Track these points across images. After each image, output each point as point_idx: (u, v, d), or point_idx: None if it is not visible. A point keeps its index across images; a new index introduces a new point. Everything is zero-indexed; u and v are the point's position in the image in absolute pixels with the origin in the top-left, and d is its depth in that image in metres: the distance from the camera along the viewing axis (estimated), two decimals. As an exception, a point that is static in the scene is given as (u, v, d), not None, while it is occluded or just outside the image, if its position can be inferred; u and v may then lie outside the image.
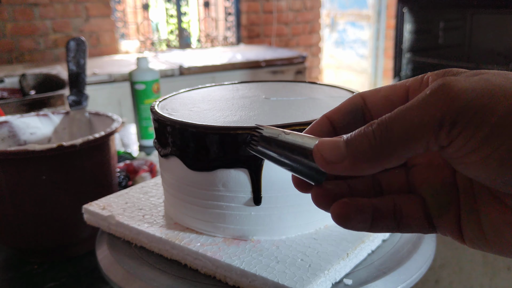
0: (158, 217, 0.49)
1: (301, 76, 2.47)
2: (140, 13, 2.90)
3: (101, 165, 0.67)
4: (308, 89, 0.56)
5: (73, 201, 0.61)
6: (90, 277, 0.62)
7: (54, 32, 2.53)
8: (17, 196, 0.60)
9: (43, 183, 0.60)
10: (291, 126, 0.40)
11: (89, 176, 0.65)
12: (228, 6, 3.09)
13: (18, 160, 0.59)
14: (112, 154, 0.68)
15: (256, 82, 0.61)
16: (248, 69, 2.32)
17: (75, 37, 0.75)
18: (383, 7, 3.75)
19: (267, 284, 0.38)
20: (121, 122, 0.70)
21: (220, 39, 3.10)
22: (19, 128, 0.75)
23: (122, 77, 2.03)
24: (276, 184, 0.42)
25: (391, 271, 0.41)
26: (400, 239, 0.47)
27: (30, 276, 0.63)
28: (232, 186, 0.43)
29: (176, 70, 2.17)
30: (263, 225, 0.44)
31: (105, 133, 0.64)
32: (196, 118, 0.45)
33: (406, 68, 1.75)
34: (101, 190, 0.64)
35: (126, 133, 1.29)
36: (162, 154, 0.47)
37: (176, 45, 2.94)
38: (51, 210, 0.62)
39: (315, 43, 3.34)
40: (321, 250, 0.41)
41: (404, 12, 1.68)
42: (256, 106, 0.48)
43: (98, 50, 2.63)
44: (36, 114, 0.77)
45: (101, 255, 0.48)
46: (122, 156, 1.00)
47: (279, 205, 0.43)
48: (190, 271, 0.43)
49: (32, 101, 1.03)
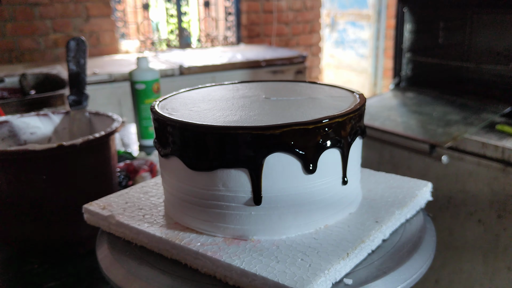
0: (158, 217, 0.49)
1: (301, 76, 2.47)
2: (140, 12, 2.90)
3: (101, 165, 0.67)
4: (308, 89, 0.56)
5: (73, 201, 0.61)
6: (90, 276, 0.62)
7: (54, 32, 2.53)
8: (17, 196, 0.60)
9: (43, 183, 0.60)
10: (291, 126, 0.40)
11: (89, 176, 0.65)
12: (228, 5, 3.09)
13: (18, 160, 0.59)
14: (112, 154, 0.68)
15: (256, 82, 0.61)
16: (248, 69, 2.32)
17: (75, 37, 0.75)
18: (383, 7, 3.75)
19: (267, 284, 0.38)
20: (121, 122, 0.70)
21: (220, 38, 3.10)
22: (19, 128, 0.75)
23: (122, 76, 2.03)
24: (276, 183, 0.42)
25: (391, 270, 0.41)
26: (400, 239, 0.47)
27: (30, 276, 0.63)
28: (232, 186, 0.43)
29: (176, 70, 2.17)
30: (263, 225, 0.44)
31: (105, 133, 0.64)
32: (196, 118, 0.45)
33: (406, 68, 1.75)
34: (101, 190, 0.64)
35: (126, 133, 1.29)
36: (162, 154, 0.47)
37: (176, 45, 2.94)
38: (51, 209, 0.62)
39: (315, 43, 3.34)
40: (321, 249, 0.41)
41: (404, 12, 1.68)
42: (256, 106, 0.48)
43: (98, 50, 2.63)
44: (36, 114, 0.77)
45: (101, 255, 0.48)
46: (122, 156, 1.00)
47: (279, 205, 0.43)
48: (190, 271, 0.43)
49: (32, 100, 1.03)
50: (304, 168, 0.42)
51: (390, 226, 0.47)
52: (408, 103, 1.62)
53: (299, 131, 0.41)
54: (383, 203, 0.50)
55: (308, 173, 0.42)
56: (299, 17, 3.21)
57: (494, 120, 1.35)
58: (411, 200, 0.51)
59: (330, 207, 0.45)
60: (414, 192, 0.53)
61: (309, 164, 0.42)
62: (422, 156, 1.35)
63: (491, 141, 1.20)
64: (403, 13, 1.67)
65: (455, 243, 1.33)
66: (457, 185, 1.29)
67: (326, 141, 0.43)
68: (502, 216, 1.20)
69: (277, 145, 0.41)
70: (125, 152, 1.02)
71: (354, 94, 0.53)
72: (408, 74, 1.77)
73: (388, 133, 1.39)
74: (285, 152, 0.41)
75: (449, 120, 1.39)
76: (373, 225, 0.45)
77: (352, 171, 0.47)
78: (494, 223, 1.22)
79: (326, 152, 0.43)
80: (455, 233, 1.33)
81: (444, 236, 1.35)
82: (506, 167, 1.16)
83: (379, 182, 0.56)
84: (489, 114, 1.39)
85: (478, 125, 1.31)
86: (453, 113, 1.45)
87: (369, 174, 0.59)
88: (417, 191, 0.53)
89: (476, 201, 1.25)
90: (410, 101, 1.64)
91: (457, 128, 1.31)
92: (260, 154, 0.41)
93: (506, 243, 1.21)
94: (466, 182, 1.26)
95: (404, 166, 1.42)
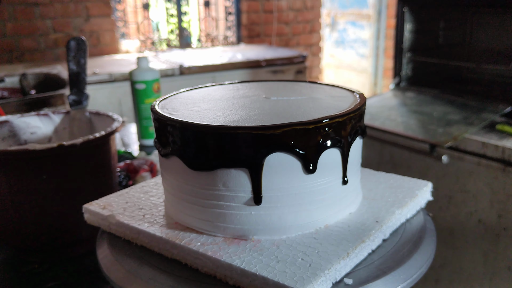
0: (159, 217, 0.49)
1: (301, 75, 2.47)
2: (141, 12, 2.90)
3: (102, 165, 0.67)
4: (308, 88, 0.56)
5: (73, 201, 0.61)
6: (90, 276, 0.62)
7: (55, 32, 2.53)
8: (17, 196, 0.60)
9: (44, 183, 0.60)
10: (292, 126, 0.40)
11: (89, 176, 0.65)
12: (229, 5, 3.09)
13: (18, 160, 0.59)
14: (112, 154, 0.68)
15: (257, 81, 0.61)
16: (249, 69, 2.32)
17: (76, 37, 0.75)
18: (384, 7, 3.75)
19: (268, 284, 0.38)
20: (122, 122, 0.70)
21: (221, 38, 3.10)
22: (20, 127, 0.75)
23: (122, 76, 2.03)
24: (276, 183, 0.42)
25: (391, 270, 0.41)
26: (401, 238, 0.47)
27: (31, 276, 0.63)
28: (232, 185, 0.43)
29: (177, 70, 2.17)
30: (263, 225, 0.44)
31: (106, 133, 0.64)
32: (196, 118, 0.45)
33: (407, 68, 1.75)
34: (101, 190, 0.64)
35: (127, 132, 1.29)
36: (163, 153, 0.47)
37: (177, 45, 2.94)
38: (51, 210, 0.62)
39: (316, 43, 3.34)
40: (321, 249, 0.41)
41: (404, 12, 1.68)
42: (256, 105, 0.48)
43: (98, 50, 2.63)
44: (37, 114, 0.77)
45: (102, 255, 0.48)
46: (122, 155, 1.00)
47: (279, 204, 0.43)
48: (191, 271, 0.43)
49: (32, 100, 1.03)
50: (304, 168, 0.42)
51: (390, 226, 0.47)
52: (408, 103, 1.62)
53: (300, 131, 0.41)
54: (383, 203, 0.50)
55: (308, 173, 0.42)
56: (299, 17, 3.21)
57: (494, 120, 1.35)
58: (411, 200, 0.51)
59: (331, 206, 0.45)
60: (414, 192, 0.53)
61: (309, 164, 0.42)
62: (422, 156, 1.35)
63: (491, 141, 1.20)
64: (403, 13, 1.67)
65: (455, 243, 1.33)
66: (457, 185, 1.29)
67: (326, 141, 0.43)
68: (502, 216, 1.20)
69: (277, 145, 0.41)
70: (125, 152, 1.02)
71: (354, 94, 0.53)
72: (408, 74, 1.76)
73: (388, 133, 1.39)
74: (285, 152, 0.41)
75: (449, 120, 1.39)
76: (373, 225, 0.45)
77: (352, 171, 0.47)
78: (494, 223, 1.22)
79: (326, 152, 0.43)
80: (455, 233, 1.33)
81: (444, 236, 1.35)
82: (506, 167, 1.16)
83: (379, 182, 0.56)
84: (489, 114, 1.39)
85: (478, 125, 1.31)
86: (453, 113, 1.45)
87: (369, 174, 0.59)
88: (417, 191, 0.53)
89: (476, 201, 1.25)
90: (410, 101, 1.64)
91: (457, 128, 1.31)
92: (260, 154, 0.41)
93: (506, 243, 1.21)
94: (466, 182, 1.26)
95: (404, 166, 1.42)
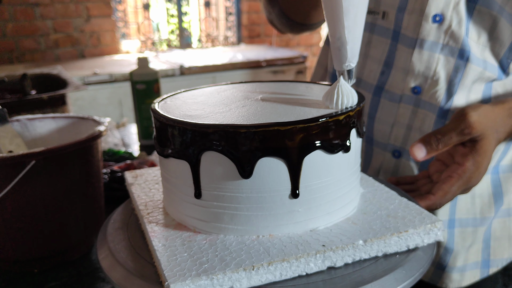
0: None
1: (301, 76, 2.48)
2: (141, 13, 2.91)
3: (87, 169, 0.65)
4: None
5: (59, 207, 0.60)
6: (91, 277, 0.62)
7: (55, 32, 2.53)
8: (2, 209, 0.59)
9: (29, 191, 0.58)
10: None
11: (74, 180, 0.63)
12: (229, 6, 3.09)
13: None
14: (98, 159, 0.67)
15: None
16: (249, 69, 2.33)
17: None
18: (384, 7, 3.75)
19: (160, 270, 0.38)
20: (107, 126, 0.68)
21: (221, 39, 3.10)
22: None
23: (123, 77, 2.04)
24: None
25: (390, 271, 0.41)
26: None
27: (31, 276, 0.63)
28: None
29: (177, 70, 2.18)
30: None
31: (88, 137, 0.62)
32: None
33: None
34: (88, 194, 0.63)
35: (127, 133, 1.30)
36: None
37: (177, 45, 2.95)
38: (37, 219, 0.61)
39: (316, 43, 3.34)
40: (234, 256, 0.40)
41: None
42: (256, 105, 0.48)
43: (99, 50, 2.64)
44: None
45: (102, 255, 0.48)
46: (122, 156, 1.00)
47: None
48: (191, 271, 0.43)
49: (32, 100, 1.03)
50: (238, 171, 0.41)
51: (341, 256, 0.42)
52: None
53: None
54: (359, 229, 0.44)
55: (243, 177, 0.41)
56: (299, 17, 3.21)
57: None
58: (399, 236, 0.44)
59: (274, 218, 0.43)
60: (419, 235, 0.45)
61: (242, 168, 0.41)
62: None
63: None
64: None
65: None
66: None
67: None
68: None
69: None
70: (126, 152, 1.02)
71: (354, 94, 0.53)
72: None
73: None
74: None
75: (449, 120, 1.38)
76: (315, 247, 0.40)
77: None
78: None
79: (267, 160, 0.41)
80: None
81: (444, 236, 1.35)
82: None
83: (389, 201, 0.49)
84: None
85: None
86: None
87: (383, 191, 0.52)
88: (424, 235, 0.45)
89: (477, 201, 1.25)
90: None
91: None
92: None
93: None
94: (467, 182, 1.26)
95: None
